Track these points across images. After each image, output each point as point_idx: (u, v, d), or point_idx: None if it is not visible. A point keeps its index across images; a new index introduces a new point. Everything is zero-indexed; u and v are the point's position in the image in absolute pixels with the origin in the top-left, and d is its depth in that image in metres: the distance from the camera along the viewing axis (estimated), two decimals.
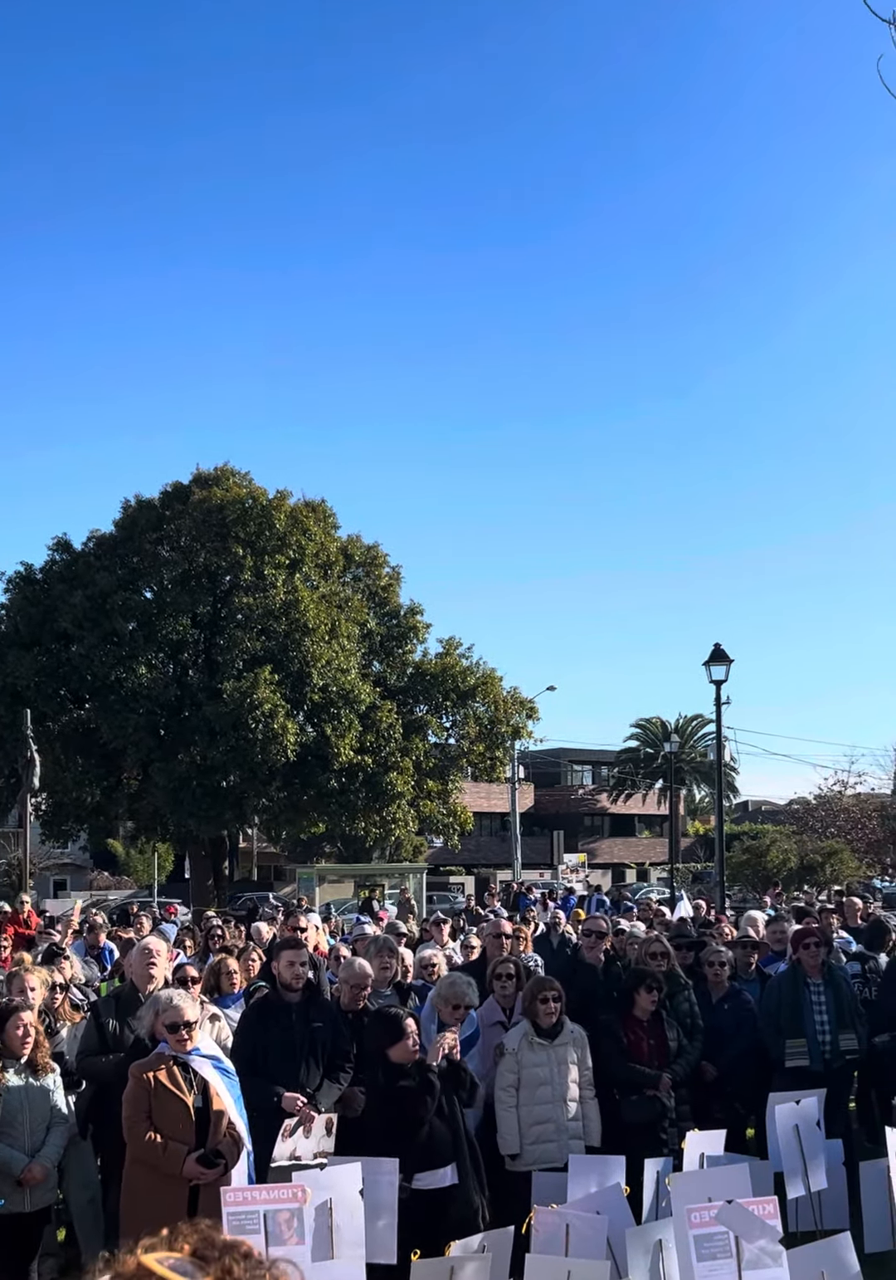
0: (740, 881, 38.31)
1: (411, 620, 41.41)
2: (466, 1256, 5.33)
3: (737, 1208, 4.33)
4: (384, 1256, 5.83)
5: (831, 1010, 8.52)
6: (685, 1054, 8.03)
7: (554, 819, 65.84)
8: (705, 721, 68.58)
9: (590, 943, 9.35)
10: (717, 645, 23.61)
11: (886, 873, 49.86)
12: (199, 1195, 5.86)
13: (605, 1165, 6.42)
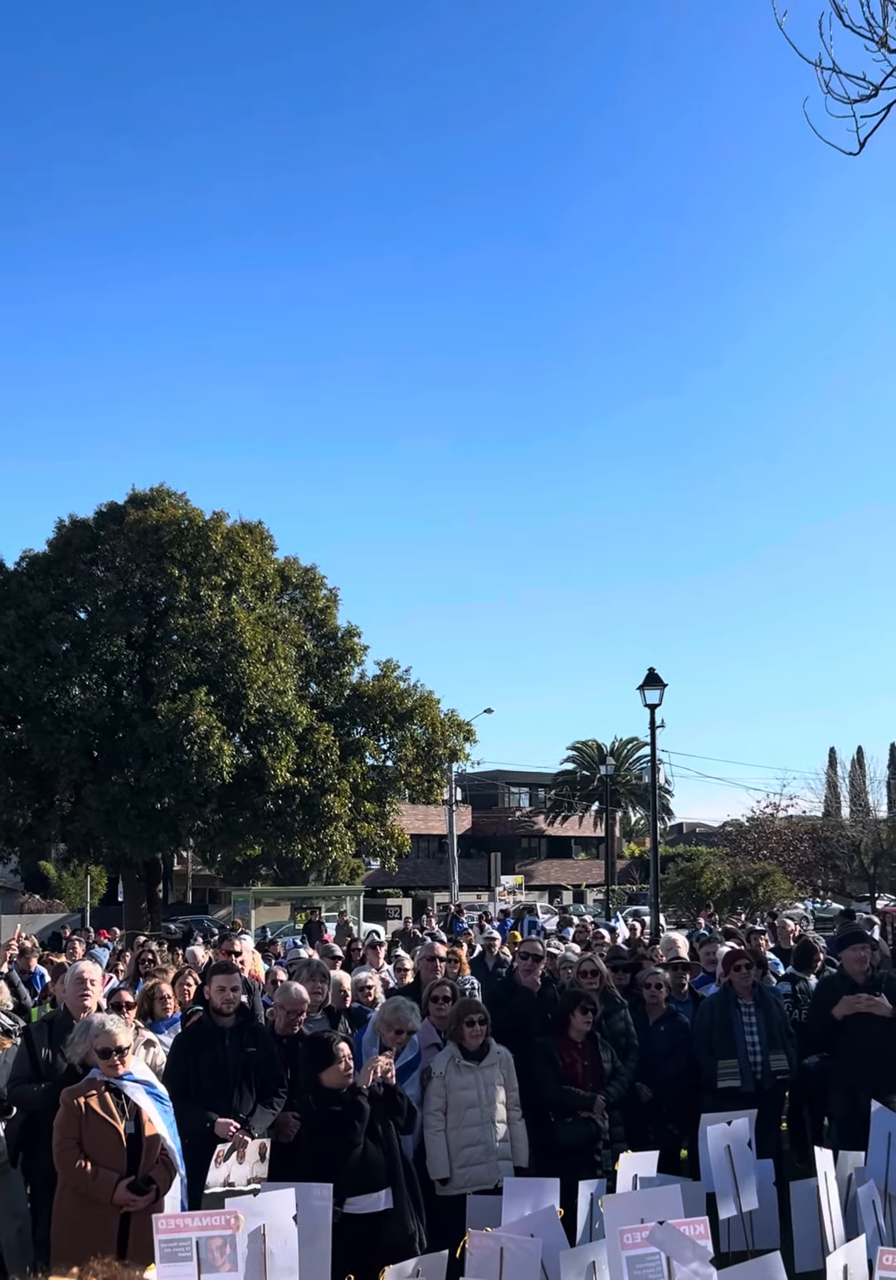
0: (674, 903, 38.56)
1: (348, 642, 41.35)
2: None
3: (669, 1229, 4.37)
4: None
5: (762, 1031, 8.62)
6: (619, 1075, 8.07)
7: (491, 841, 65.93)
8: (640, 744, 69.15)
9: (526, 965, 9.37)
10: (652, 670, 23.86)
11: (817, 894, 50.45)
12: (130, 1223, 5.79)
13: (539, 1188, 6.42)
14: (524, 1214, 6.12)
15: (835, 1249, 5.47)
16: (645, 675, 23.92)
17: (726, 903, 37.86)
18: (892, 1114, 7.44)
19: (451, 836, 53.10)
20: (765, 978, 10.45)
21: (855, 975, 8.36)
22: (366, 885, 46.36)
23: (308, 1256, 5.71)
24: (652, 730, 25.38)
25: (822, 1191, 6.44)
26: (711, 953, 10.99)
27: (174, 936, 23.14)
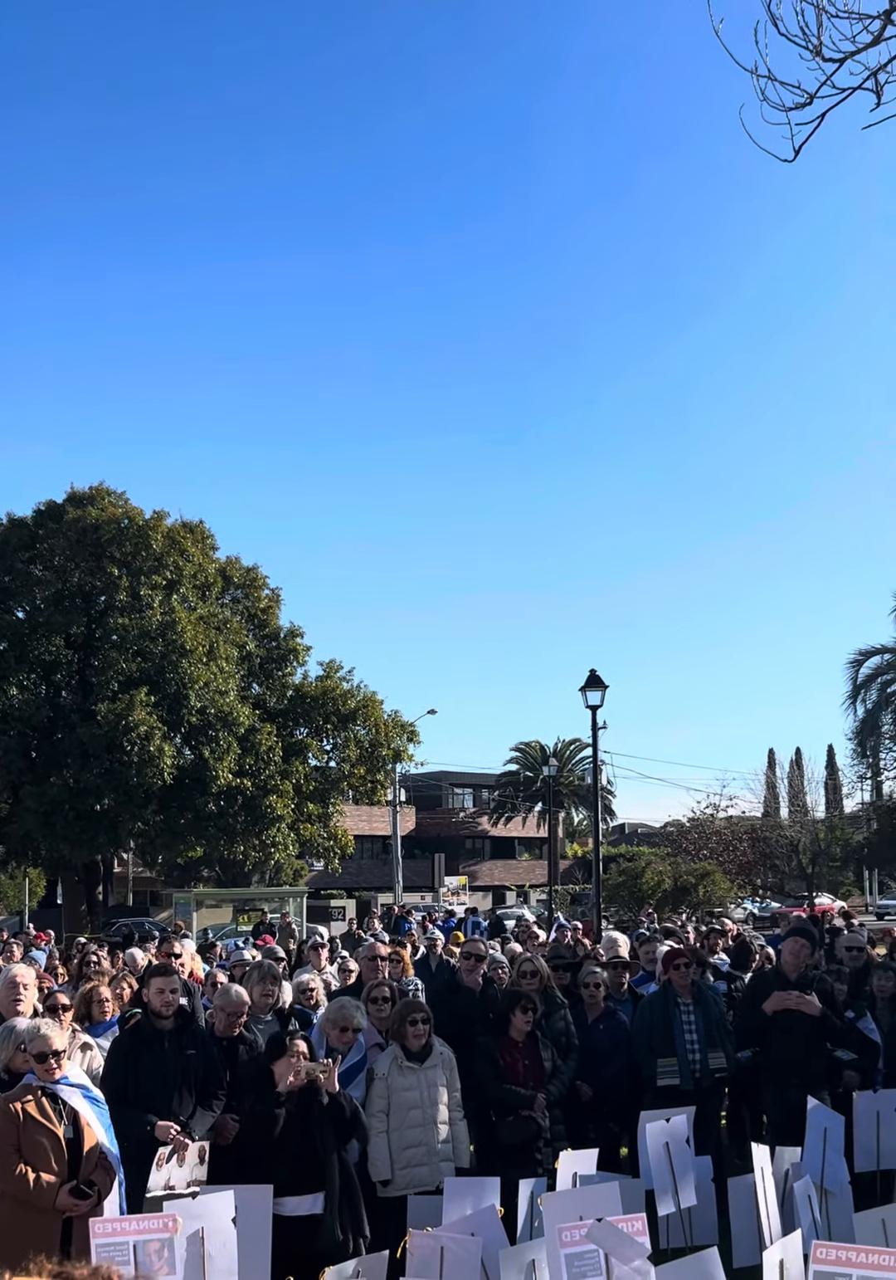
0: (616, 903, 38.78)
1: (291, 643, 41.22)
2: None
3: (607, 1226, 4.39)
4: None
5: (701, 1030, 8.69)
6: (560, 1074, 8.10)
7: (435, 842, 65.93)
8: (583, 745, 69.46)
9: (468, 965, 9.39)
10: (593, 671, 23.96)
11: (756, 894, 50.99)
12: (72, 1227, 5.73)
13: (480, 1187, 6.44)
14: (464, 1213, 6.13)
15: (772, 1244, 5.52)
16: (587, 677, 24.00)
17: (667, 902, 38.14)
18: (828, 1110, 7.55)
19: (395, 837, 53.03)
20: (704, 976, 10.55)
21: (789, 970, 8.45)
22: (310, 886, 46.17)
23: (247, 1258, 5.69)
24: (594, 731, 25.52)
25: (759, 1187, 6.51)
26: (650, 952, 11.07)
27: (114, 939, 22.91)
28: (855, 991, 9.51)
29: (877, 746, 45.87)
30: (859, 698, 43.41)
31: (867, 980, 9.75)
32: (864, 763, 48.60)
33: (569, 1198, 5.55)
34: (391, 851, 54.14)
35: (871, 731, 44.00)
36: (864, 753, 46.49)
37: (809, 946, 8.63)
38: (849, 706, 43.75)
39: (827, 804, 61.26)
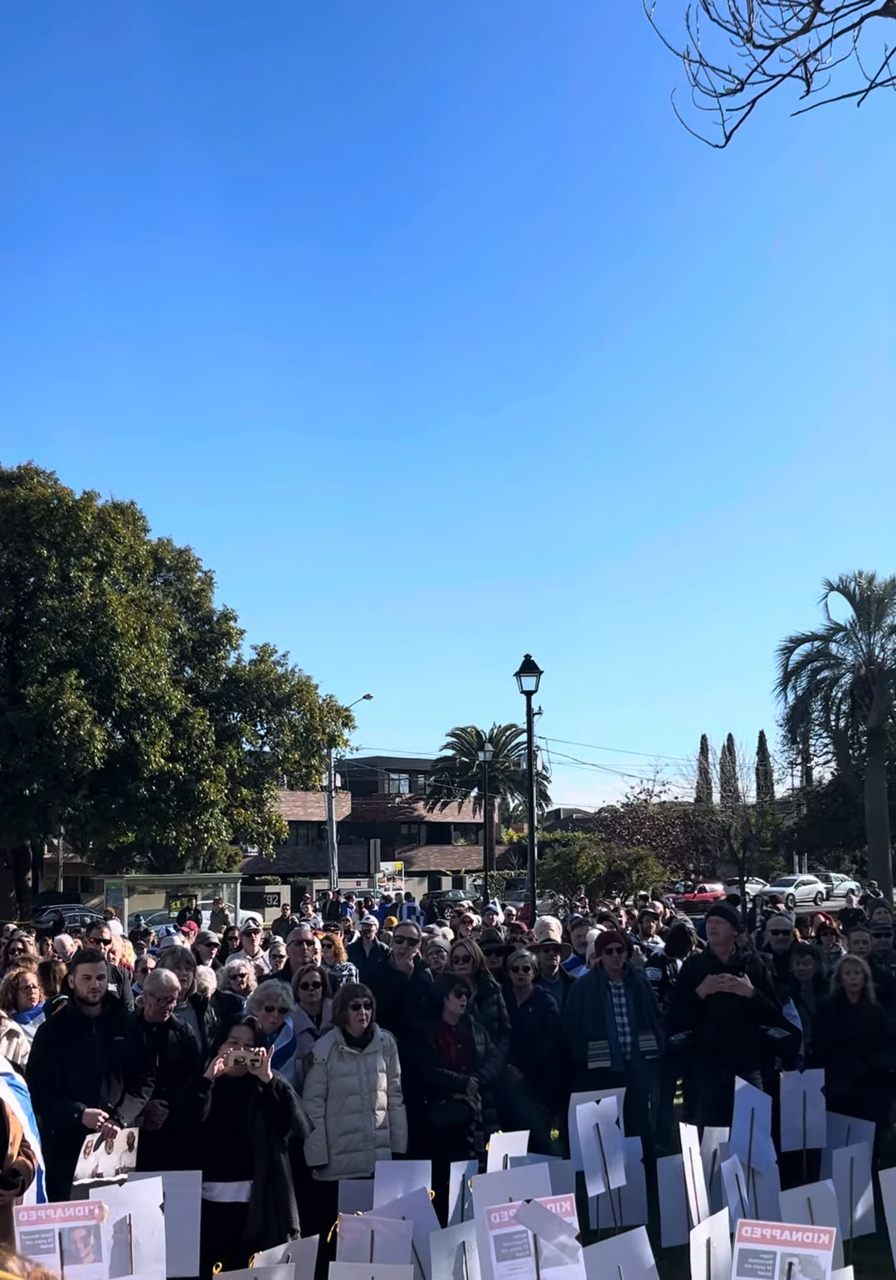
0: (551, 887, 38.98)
1: (224, 626, 40.88)
2: (269, 1268, 5.28)
3: (536, 1207, 4.40)
4: (185, 1270, 5.73)
5: (631, 1012, 8.76)
6: (492, 1057, 8.12)
7: (371, 827, 65.86)
8: (518, 731, 69.76)
9: (401, 949, 9.38)
10: (528, 656, 23.99)
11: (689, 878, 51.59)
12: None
13: (411, 1170, 6.44)
14: (395, 1197, 6.13)
15: (699, 1223, 5.57)
16: (522, 662, 24.05)
17: (601, 887, 38.41)
18: (756, 1090, 7.63)
19: (330, 823, 52.90)
20: (635, 959, 10.63)
21: (720, 952, 8.53)
22: (244, 872, 45.95)
23: (175, 1245, 5.64)
24: (529, 717, 25.60)
25: (687, 1168, 6.56)
26: (582, 935, 11.13)
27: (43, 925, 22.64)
28: (782, 975, 9.64)
29: (807, 733, 46.52)
30: (789, 685, 43.96)
31: (793, 963, 9.90)
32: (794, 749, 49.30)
33: (498, 1180, 5.56)
34: (327, 837, 54.02)
35: (801, 718, 44.59)
36: (794, 739, 47.14)
37: (730, 926, 8.70)
38: (779, 693, 44.31)
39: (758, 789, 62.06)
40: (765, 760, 67.33)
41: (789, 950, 10.29)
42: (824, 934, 11.99)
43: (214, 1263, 5.35)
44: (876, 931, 11.26)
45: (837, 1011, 8.81)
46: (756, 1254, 4.02)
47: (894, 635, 43.09)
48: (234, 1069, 6.47)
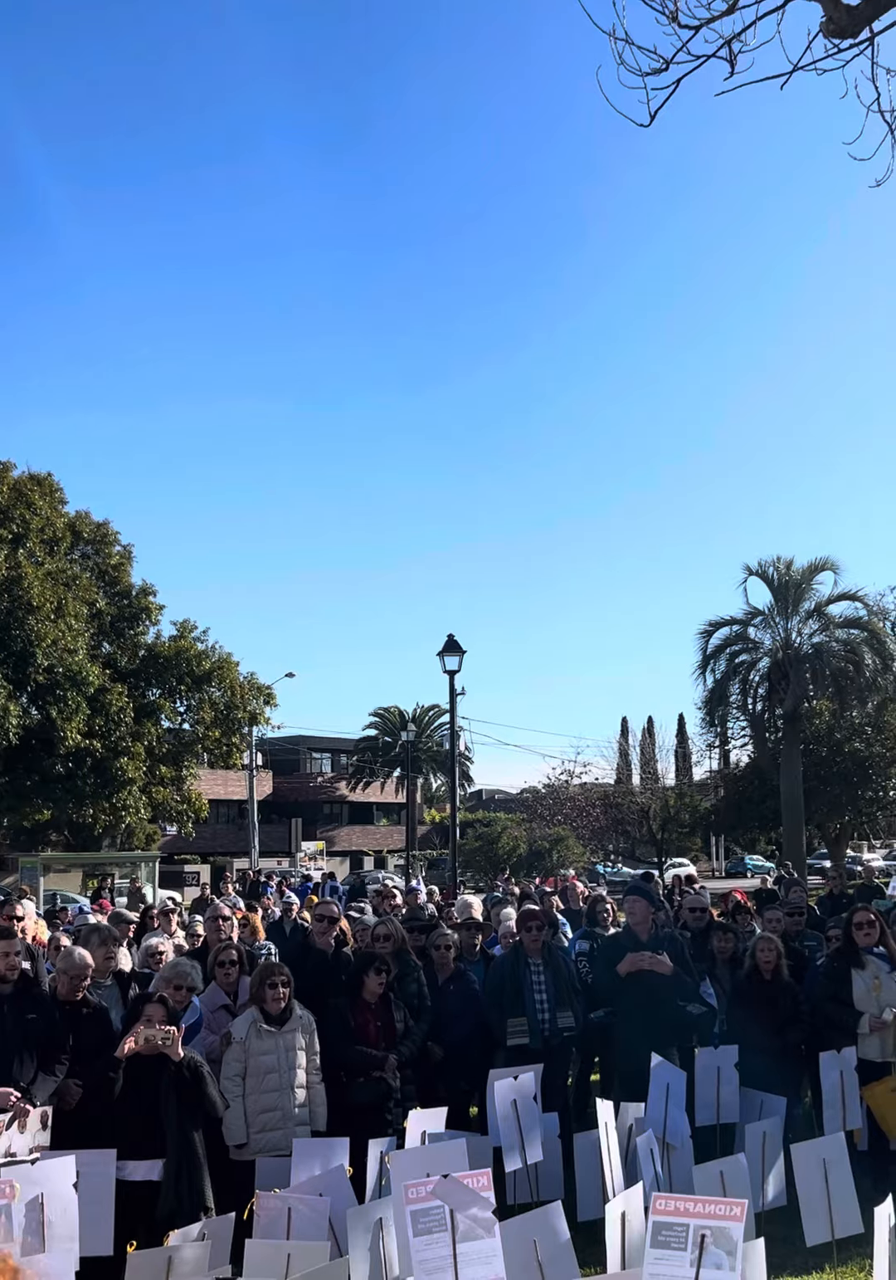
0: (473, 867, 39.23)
1: (143, 601, 40.31)
2: (184, 1246, 5.24)
3: (452, 1182, 4.40)
4: (98, 1248, 5.67)
5: (550, 989, 8.81)
6: (411, 1035, 8.14)
7: (293, 806, 65.66)
8: (442, 711, 69.90)
9: (321, 928, 9.35)
10: (451, 636, 24.00)
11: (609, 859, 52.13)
12: None
13: (328, 1148, 6.43)
14: (313, 1174, 6.12)
15: (614, 1197, 5.62)
16: (445, 641, 24.05)
17: (522, 867, 38.72)
18: (672, 1066, 7.73)
19: (251, 802, 52.60)
20: (555, 937, 10.70)
21: (640, 930, 8.61)
22: (163, 851, 45.55)
23: (88, 1224, 5.58)
24: (452, 696, 25.65)
25: (603, 1142, 6.63)
26: (499, 914, 11.18)
27: None
28: (698, 953, 9.76)
29: (725, 716, 47.08)
30: (708, 668, 44.43)
31: (709, 941, 10.04)
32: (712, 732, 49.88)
33: (416, 1155, 5.57)
34: (247, 816, 53.72)
35: (719, 701, 45.11)
36: (712, 722, 47.69)
37: (647, 905, 8.78)
38: (699, 676, 44.75)
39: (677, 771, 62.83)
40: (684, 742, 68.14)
41: (705, 928, 10.43)
42: (739, 913, 12.16)
43: (127, 1241, 5.31)
44: (790, 911, 11.45)
45: (751, 989, 8.94)
46: (669, 1226, 4.06)
47: (811, 620, 43.78)
48: (145, 1047, 6.42)
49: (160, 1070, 6.43)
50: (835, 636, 43.08)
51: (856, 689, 43.06)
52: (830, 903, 15.52)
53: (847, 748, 45.46)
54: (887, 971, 8.41)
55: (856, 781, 45.25)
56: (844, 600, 43.71)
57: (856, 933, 8.59)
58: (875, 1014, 8.24)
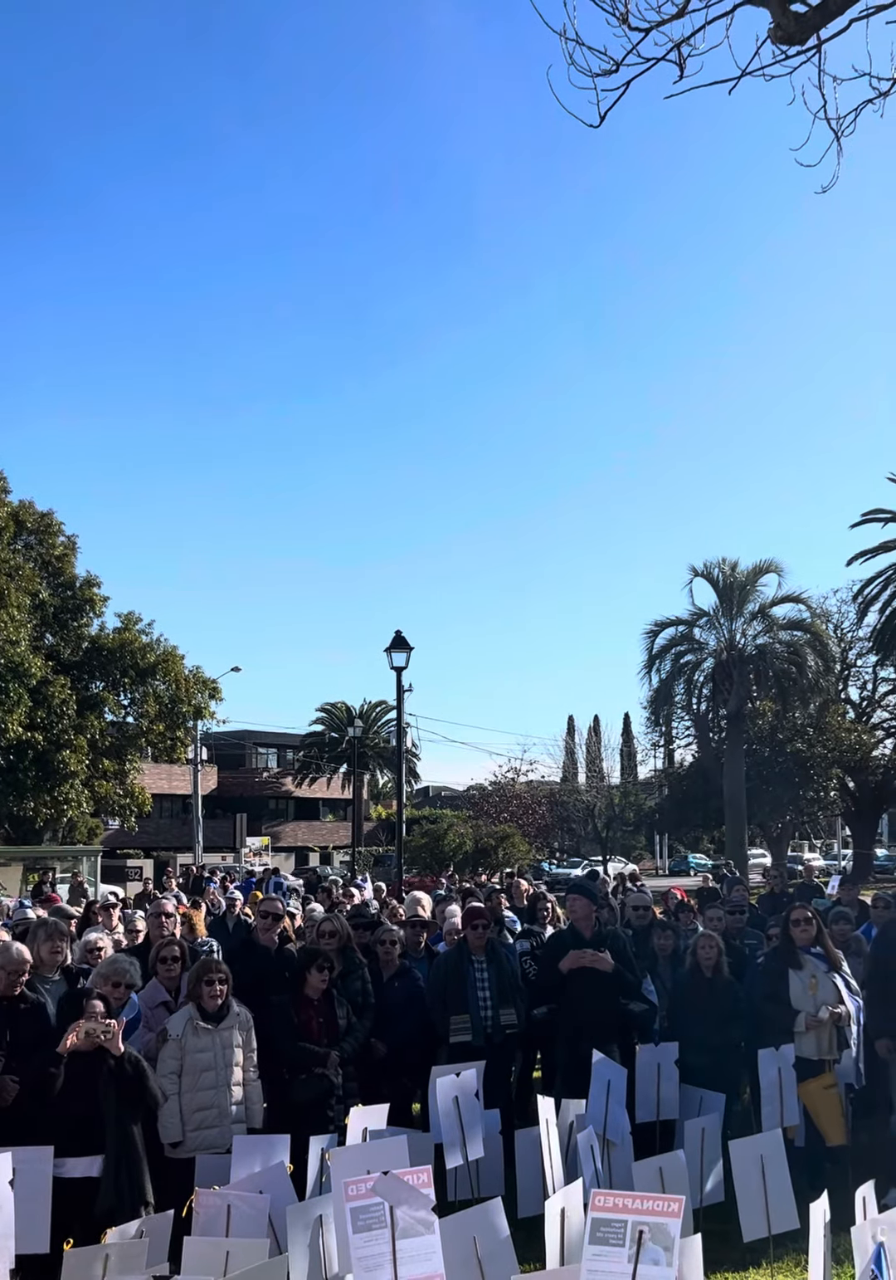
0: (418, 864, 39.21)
1: (88, 592, 39.81)
2: (121, 1244, 5.19)
3: (392, 1178, 4.40)
4: (35, 1246, 5.61)
5: (493, 987, 8.84)
6: (354, 1031, 8.13)
7: (238, 802, 65.28)
8: (389, 708, 69.88)
9: (265, 924, 9.31)
10: (398, 632, 23.94)
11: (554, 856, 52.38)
12: None
13: (269, 1145, 6.40)
14: (253, 1171, 6.10)
15: (554, 1193, 5.65)
16: (392, 638, 24.01)
17: (468, 864, 38.76)
18: (613, 1063, 7.78)
19: (196, 796, 52.23)
20: (501, 935, 10.73)
21: (583, 928, 8.66)
22: (105, 846, 45.10)
23: (25, 1221, 5.53)
24: (399, 693, 25.61)
25: (544, 1139, 6.65)
26: (444, 911, 11.20)
27: None
28: (640, 950, 9.83)
29: (670, 716, 47.49)
30: (654, 668, 44.78)
31: (651, 939, 10.11)
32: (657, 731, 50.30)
33: (356, 1152, 5.56)
34: (192, 811, 53.33)
35: (665, 701, 45.48)
36: (657, 721, 48.07)
37: (589, 903, 8.82)
38: (644, 676, 45.11)
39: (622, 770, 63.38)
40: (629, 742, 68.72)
41: (648, 926, 10.51)
42: (681, 911, 12.26)
43: (65, 1239, 5.25)
44: (731, 909, 11.57)
45: (692, 986, 9.02)
46: (608, 1223, 4.08)
47: (755, 621, 44.24)
48: (85, 1042, 6.36)
49: (98, 1066, 6.38)
50: (778, 638, 43.60)
51: (799, 690, 43.59)
52: (770, 901, 15.69)
53: (790, 748, 45.97)
54: (824, 971, 8.51)
55: (798, 782, 45.78)
56: (787, 602, 44.27)
57: (794, 930, 8.69)
58: (811, 1012, 8.34)
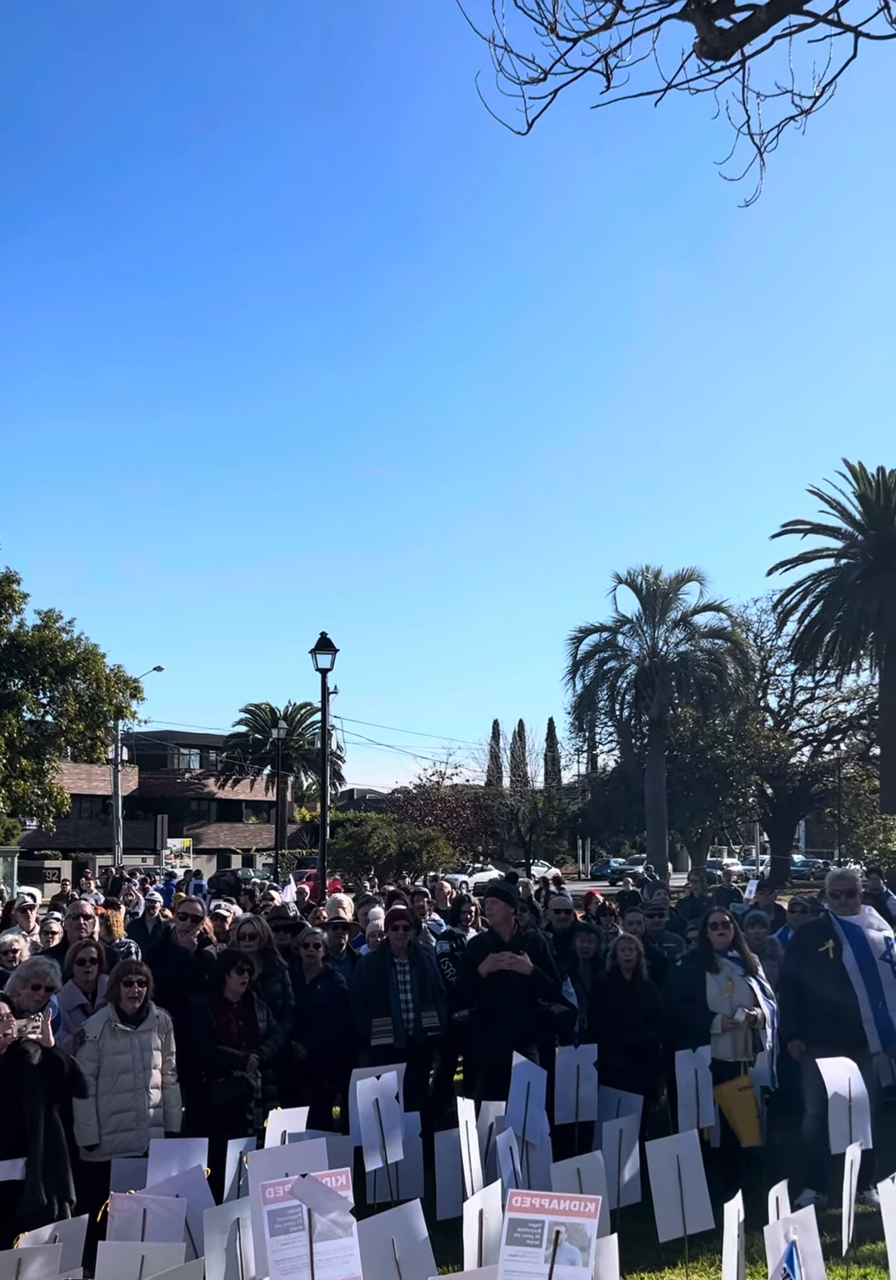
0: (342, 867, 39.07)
1: (7, 589, 39.15)
2: (35, 1248, 5.11)
3: (310, 1181, 4.39)
4: None
5: (415, 989, 8.85)
6: (274, 1034, 8.09)
7: (159, 803, 64.60)
8: (314, 710, 69.54)
9: (184, 926, 9.23)
10: (324, 634, 23.85)
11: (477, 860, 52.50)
12: None
13: (186, 1148, 6.35)
14: (170, 1175, 6.04)
15: (473, 1195, 5.66)
16: (317, 639, 23.91)
17: (392, 867, 38.69)
18: (532, 1065, 7.81)
19: (116, 797, 51.59)
20: (423, 936, 10.73)
21: (502, 931, 8.69)
22: (22, 846, 44.38)
23: None
24: (324, 695, 25.52)
25: (463, 1141, 6.67)
26: (367, 913, 11.18)
27: None
28: (561, 952, 9.89)
29: (593, 721, 47.93)
30: (578, 673, 45.18)
31: (573, 941, 10.18)
32: (581, 736, 50.74)
33: (275, 1155, 5.53)
34: (111, 812, 52.66)
35: (588, 706, 45.88)
36: (581, 727, 48.48)
37: (507, 906, 8.85)
38: (568, 682, 45.48)
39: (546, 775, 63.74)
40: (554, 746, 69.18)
41: (570, 929, 10.58)
42: (602, 914, 12.36)
43: None
44: (650, 912, 11.69)
45: (612, 988, 9.10)
46: (525, 1223, 4.10)
47: (677, 629, 44.80)
48: (12, 1039, 6.27)
49: (18, 1066, 6.28)
50: (700, 646, 44.21)
51: (719, 698, 44.22)
52: (690, 905, 15.89)
53: (710, 755, 46.61)
54: (741, 974, 8.63)
55: (718, 788, 46.43)
56: (709, 611, 44.97)
57: (712, 934, 8.79)
58: (727, 1014, 8.45)
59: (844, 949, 8.35)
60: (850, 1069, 7.42)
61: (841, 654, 43.72)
